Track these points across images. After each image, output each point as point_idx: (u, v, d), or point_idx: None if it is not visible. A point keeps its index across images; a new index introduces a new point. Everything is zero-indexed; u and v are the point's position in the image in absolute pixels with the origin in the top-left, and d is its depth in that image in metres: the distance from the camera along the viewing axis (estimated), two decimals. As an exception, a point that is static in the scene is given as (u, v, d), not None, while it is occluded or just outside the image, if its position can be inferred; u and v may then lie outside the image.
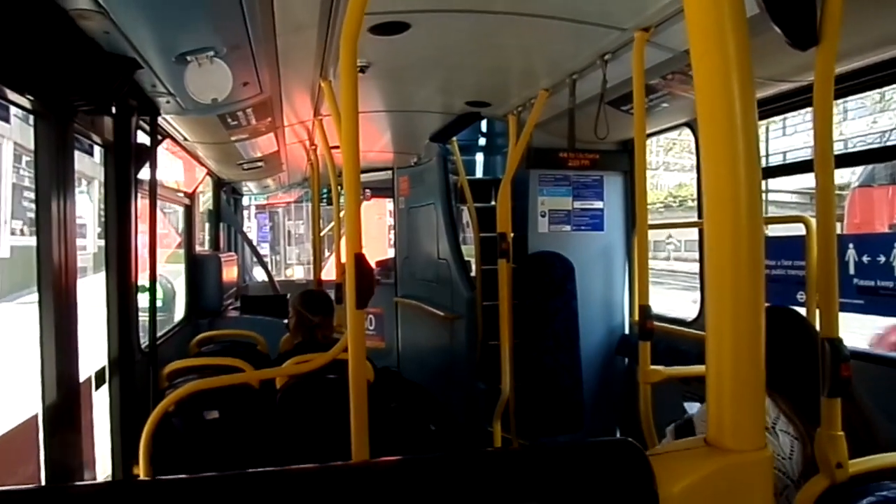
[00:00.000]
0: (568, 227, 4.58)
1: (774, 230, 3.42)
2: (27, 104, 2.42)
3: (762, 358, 0.78)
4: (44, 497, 0.86)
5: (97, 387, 3.22)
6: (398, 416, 3.78)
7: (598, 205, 4.62)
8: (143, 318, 3.59)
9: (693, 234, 5.28)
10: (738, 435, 0.77)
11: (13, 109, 1.75)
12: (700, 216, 4.01)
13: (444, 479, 0.81)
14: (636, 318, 2.85)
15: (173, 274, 6.26)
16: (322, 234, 6.20)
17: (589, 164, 4.47)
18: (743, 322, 0.76)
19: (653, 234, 3.03)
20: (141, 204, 3.57)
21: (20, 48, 2.02)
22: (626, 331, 4.61)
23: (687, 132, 4.06)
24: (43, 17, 2.06)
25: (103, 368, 3.28)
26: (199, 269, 5.65)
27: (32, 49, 2.10)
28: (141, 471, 2.68)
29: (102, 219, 3.35)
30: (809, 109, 1.76)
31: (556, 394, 4.26)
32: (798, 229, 3.14)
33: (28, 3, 1.95)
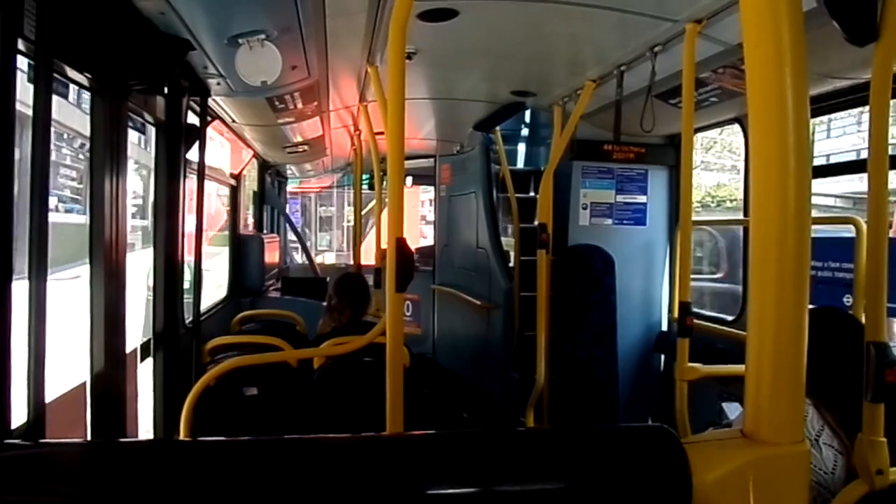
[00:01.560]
0: (609, 221, 4.53)
1: (822, 231, 3.33)
2: (84, 81, 2.49)
3: (804, 352, 0.77)
4: (95, 451, 0.90)
5: (142, 359, 3.32)
6: (432, 402, 3.81)
7: (642, 199, 4.56)
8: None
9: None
10: (774, 427, 0.77)
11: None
12: (746, 214, 3.93)
13: (477, 455, 0.82)
14: (675, 314, 2.81)
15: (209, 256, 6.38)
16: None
17: (634, 157, 4.41)
18: (786, 316, 0.75)
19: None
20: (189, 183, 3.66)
21: (80, 28, 2.08)
22: (665, 327, 4.56)
23: (730, 130, 3.98)
24: None
25: (148, 341, 3.38)
26: (242, 250, 5.76)
27: (92, 28, 2.17)
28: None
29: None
30: (859, 109, 1.71)
31: (591, 387, 4.24)
32: (847, 230, 3.06)
33: None
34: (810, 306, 1.98)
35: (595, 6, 2.54)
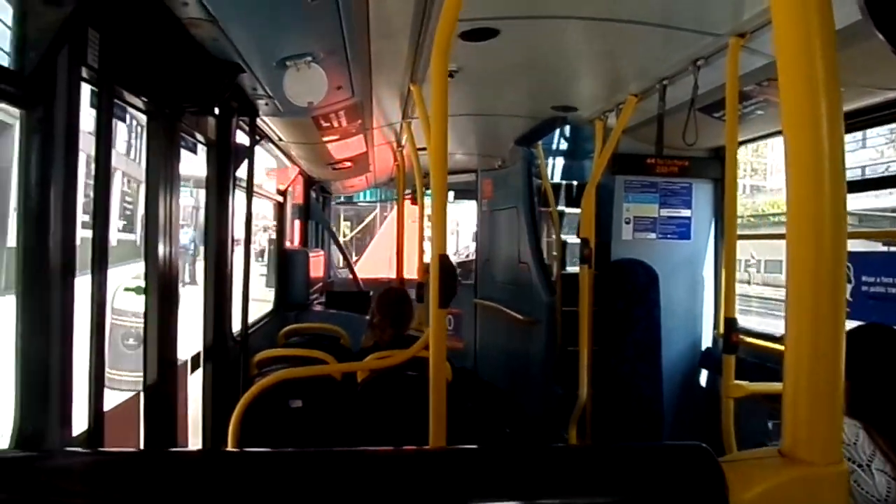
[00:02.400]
0: (653, 235, 4.49)
1: (872, 246, 3.24)
2: (140, 105, 2.60)
3: (842, 371, 0.77)
4: (150, 460, 0.95)
5: (192, 371, 3.41)
6: (474, 417, 3.81)
7: (686, 213, 4.50)
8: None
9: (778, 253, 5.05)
10: (813, 447, 0.76)
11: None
12: None
13: (515, 470, 0.84)
14: (721, 330, 2.77)
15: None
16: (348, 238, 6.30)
17: (678, 171, 4.37)
18: (823, 333, 0.75)
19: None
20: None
21: (138, 55, 2.19)
22: (710, 343, 4.48)
23: (771, 144, 3.90)
24: (158, 26, 2.23)
25: (198, 353, 3.48)
26: (288, 264, 5.88)
27: (148, 55, 2.28)
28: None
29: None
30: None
31: (635, 403, 4.19)
32: None
33: (146, 13, 2.12)
34: (857, 323, 1.94)
35: (636, 22, 2.55)
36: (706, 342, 4.51)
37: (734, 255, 2.68)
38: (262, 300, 5.78)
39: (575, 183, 5.72)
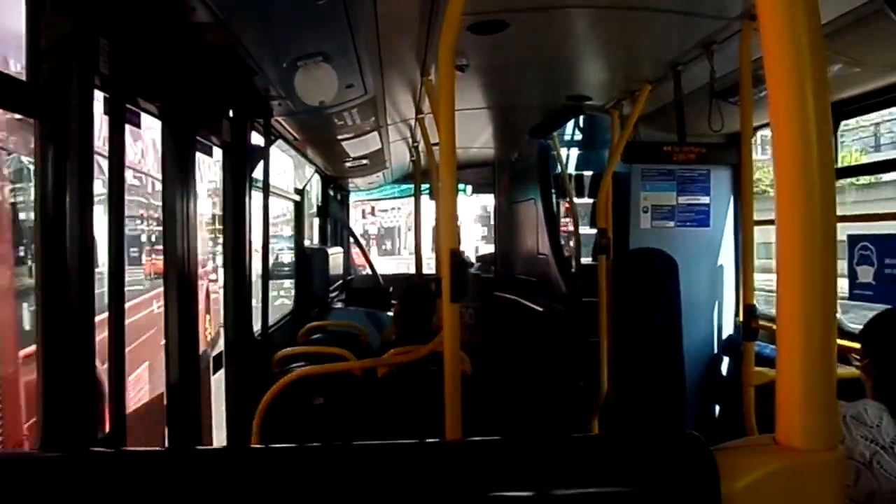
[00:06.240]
0: (671, 223, 4.45)
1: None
2: (155, 110, 2.64)
3: (834, 355, 0.76)
4: (174, 458, 0.97)
5: (215, 370, 3.46)
6: (495, 411, 3.81)
7: (705, 200, 4.45)
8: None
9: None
10: (808, 434, 0.76)
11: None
12: None
13: (500, 463, 0.84)
14: (741, 317, 2.75)
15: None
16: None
17: (695, 157, 4.32)
18: (814, 318, 0.74)
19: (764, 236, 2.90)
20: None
21: (149, 60, 2.22)
22: (732, 331, 4.43)
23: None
24: (169, 32, 2.25)
25: (220, 353, 3.53)
26: (307, 262, 5.92)
27: (160, 60, 2.30)
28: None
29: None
30: None
31: (657, 394, 4.16)
32: None
33: (156, 20, 2.14)
34: (882, 307, 1.91)
35: (647, 8, 2.53)
36: (727, 330, 4.47)
37: (752, 241, 2.65)
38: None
39: (591, 173, 5.69)
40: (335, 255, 6.51)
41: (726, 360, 4.45)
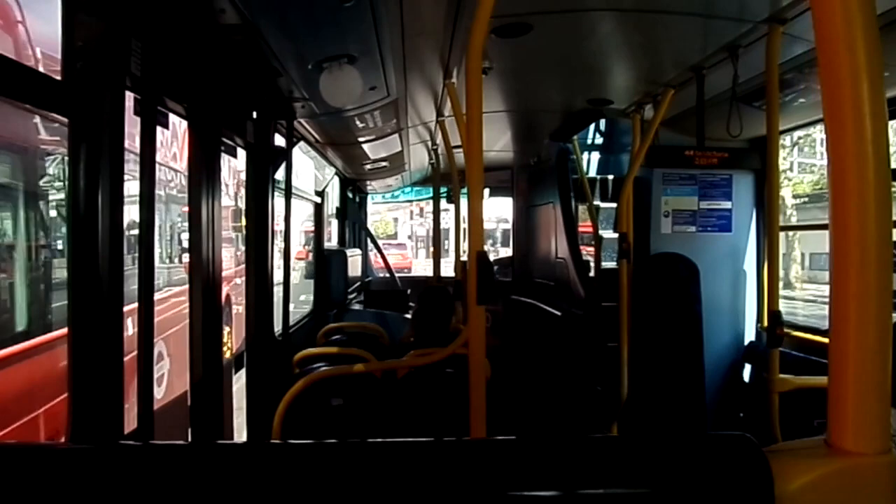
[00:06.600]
0: (693, 228, 4.42)
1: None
2: (182, 111, 2.67)
3: (889, 359, 0.76)
4: (198, 451, 0.98)
5: (236, 370, 3.48)
6: (515, 415, 3.81)
7: (727, 205, 4.42)
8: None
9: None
10: (859, 437, 0.75)
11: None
12: None
13: (556, 460, 0.84)
14: (765, 323, 2.72)
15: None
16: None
17: (717, 162, 4.29)
18: (868, 321, 0.74)
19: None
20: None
21: (180, 61, 2.25)
22: (754, 337, 4.39)
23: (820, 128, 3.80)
24: (198, 33, 2.28)
25: (242, 353, 3.55)
26: (326, 264, 5.95)
27: (188, 62, 2.33)
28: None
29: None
30: None
31: (677, 400, 4.13)
32: None
33: (186, 22, 2.17)
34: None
35: (671, 12, 2.52)
36: (749, 336, 4.43)
37: (777, 247, 2.63)
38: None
39: (611, 177, 5.66)
40: (353, 256, 6.53)
41: (748, 366, 4.40)
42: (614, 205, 4.56)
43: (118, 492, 0.84)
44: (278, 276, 3.96)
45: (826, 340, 2.51)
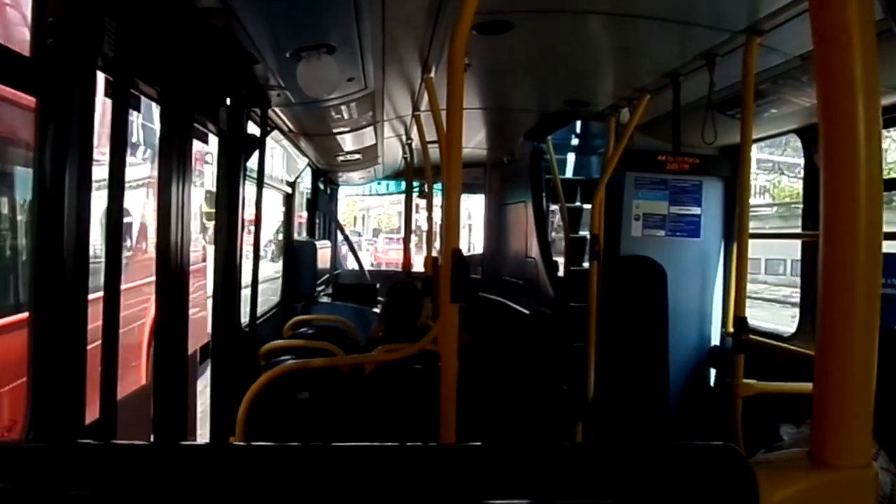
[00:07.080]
0: (662, 232, 4.47)
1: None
2: (153, 94, 2.60)
3: (873, 374, 0.77)
4: (159, 452, 0.95)
5: (201, 361, 3.42)
6: (480, 413, 3.81)
7: (696, 210, 4.48)
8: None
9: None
10: (842, 451, 0.76)
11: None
12: (804, 227, 3.83)
13: (529, 469, 0.83)
14: (729, 328, 2.76)
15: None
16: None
17: (688, 168, 4.34)
18: (856, 335, 0.75)
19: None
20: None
21: (154, 43, 2.18)
22: (718, 342, 4.47)
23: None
24: (174, 15, 2.22)
25: (207, 344, 3.49)
26: (295, 256, 5.88)
27: (164, 44, 2.27)
28: (237, 442, 2.83)
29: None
30: None
31: (641, 401, 4.18)
32: None
33: (163, 1, 2.11)
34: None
35: (652, 17, 2.53)
36: (714, 340, 4.50)
37: (746, 254, 2.67)
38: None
39: (583, 178, 5.70)
40: (323, 249, 6.47)
41: (712, 370, 4.48)
42: (586, 206, 4.59)
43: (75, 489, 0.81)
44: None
45: (790, 347, 2.56)
